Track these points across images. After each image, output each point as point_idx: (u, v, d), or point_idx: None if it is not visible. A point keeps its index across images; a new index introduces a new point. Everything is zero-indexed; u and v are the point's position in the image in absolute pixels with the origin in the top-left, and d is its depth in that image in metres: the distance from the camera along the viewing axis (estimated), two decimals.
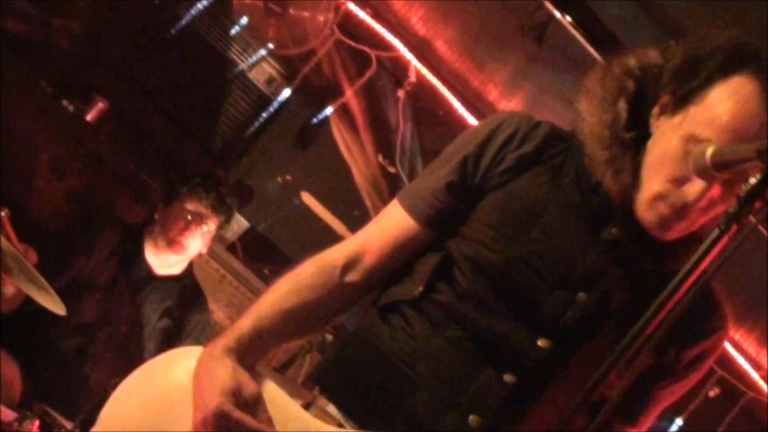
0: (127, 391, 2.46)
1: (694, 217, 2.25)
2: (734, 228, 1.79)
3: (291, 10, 5.98)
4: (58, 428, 4.02)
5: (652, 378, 2.41)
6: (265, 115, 6.54)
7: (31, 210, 4.90)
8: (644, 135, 2.32)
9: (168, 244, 4.91)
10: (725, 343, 2.59)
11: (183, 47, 6.33)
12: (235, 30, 6.37)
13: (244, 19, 6.26)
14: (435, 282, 2.37)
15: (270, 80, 6.52)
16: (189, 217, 4.91)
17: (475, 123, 6.35)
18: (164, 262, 4.98)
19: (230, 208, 5.10)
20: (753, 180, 1.78)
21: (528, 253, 2.32)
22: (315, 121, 6.59)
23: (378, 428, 2.28)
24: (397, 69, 6.46)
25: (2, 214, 4.21)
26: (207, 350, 2.38)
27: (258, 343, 2.40)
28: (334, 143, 6.52)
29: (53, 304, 4.19)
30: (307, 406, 2.39)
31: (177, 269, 5.04)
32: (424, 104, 6.56)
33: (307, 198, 6.48)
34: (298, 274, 2.45)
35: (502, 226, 2.35)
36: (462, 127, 6.38)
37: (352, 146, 6.48)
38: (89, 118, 6.00)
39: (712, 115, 2.20)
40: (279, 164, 6.67)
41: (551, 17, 5.66)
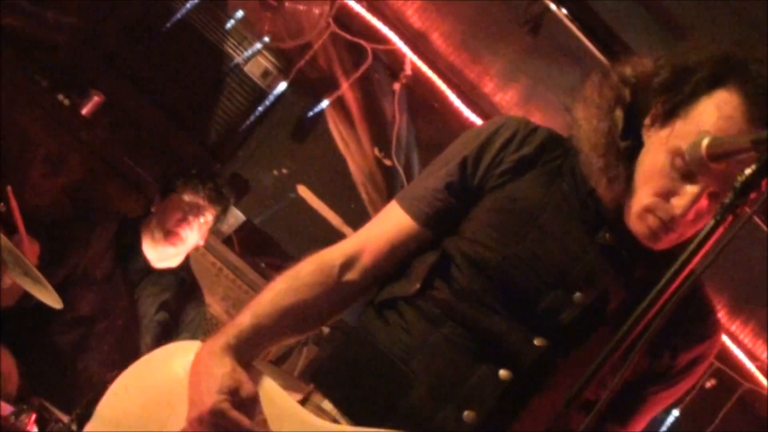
0: (123, 385, 2.47)
1: (682, 229, 2.27)
2: (729, 219, 1.79)
3: (286, 3, 5.98)
4: (55, 422, 4.02)
5: (646, 382, 2.42)
6: (260, 108, 6.54)
7: (26, 204, 4.88)
8: (639, 144, 2.33)
9: (165, 235, 4.90)
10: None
11: (178, 41, 6.33)
12: (230, 23, 6.36)
13: (240, 13, 6.25)
14: (432, 279, 2.38)
15: (266, 73, 6.52)
16: (186, 209, 4.91)
17: (470, 115, 6.36)
18: (162, 254, 4.97)
19: (227, 198, 5.09)
20: (748, 170, 1.78)
21: (525, 253, 2.33)
22: (311, 114, 6.59)
23: (373, 424, 2.28)
24: (393, 62, 6.46)
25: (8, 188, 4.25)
26: (206, 346, 2.38)
27: (257, 340, 2.41)
28: (329, 136, 6.52)
29: (49, 298, 4.19)
30: (302, 402, 2.39)
31: (174, 262, 5.04)
32: (420, 97, 6.56)
33: (303, 191, 6.48)
34: (297, 272, 2.46)
35: (500, 226, 2.36)
36: (458, 120, 6.39)
37: (348, 139, 6.48)
38: (85, 111, 5.99)
39: (697, 130, 2.18)
40: (275, 157, 6.67)
41: (546, 9, 5.66)
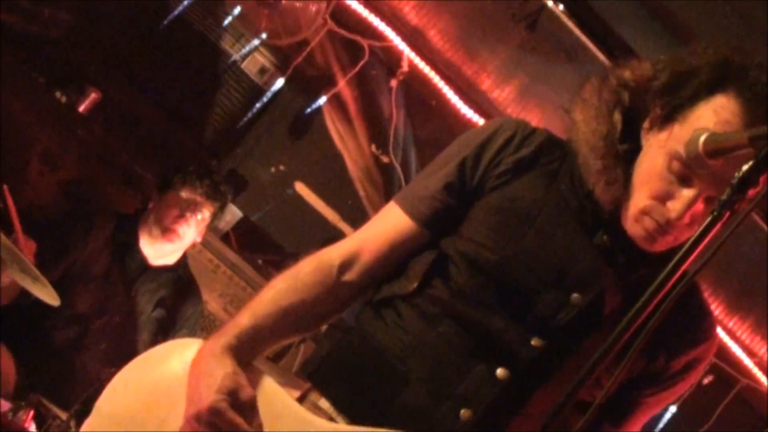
0: (123, 381, 2.47)
1: (678, 232, 2.27)
2: (727, 215, 1.79)
3: (283, 1, 5.98)
4: (53, 418, 4.03)
5: (642, 384, 2.43)
6: (258, 105, 6.54)
7: (24, 201, 4.88)
8: (638, 147, 2.34)
9: (163, 232, 4.90)
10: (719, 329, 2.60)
11: (176, 38, 6.32)
12: (227, 20, 6.36)
13: (237, 9, 6.25)
14: (430, 278, 2.38)
15: (263, 70, 6.51)
16: (183, 205, 4.91)
17: (467, 112, 6.36)
18: (159, 251, 4.97)
19: (224, 195, 5.09)
20: (746, 166, 1.79)
21: (523, 253, 2.34)
22: (308, 111, 6.59)
23: (369, 422, 2.28)
24: (390, 59, 6.46)
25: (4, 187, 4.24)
26: (207, 346, 2.38)
27: (257, 340, 2.41)
28: (327, 133, 6.52)
29: (47, 295, 4.19)
30: (299, 400, 2.40)
31: (172, 259, 5.04)
32: (417, 94, 6.56)
33: (300, 188, 6.47)
34: (297, 272, 2.46)
35: (498, 226, 2.37)
36: (455, 117, 6.39)
37: (345, 136, 6.48)
38: (82, 108, 5.99)
39: None
40: (272, 154, 6.67)
41: (543, 6, 5.67)
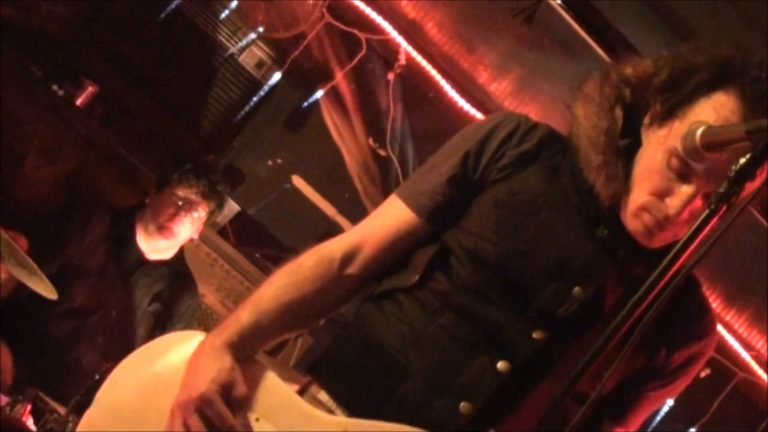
0: (123, 373, 2.47)
1: (676, 228, 2.27)
2: (724, 208, 1.79)
3: None
4: (50, 412, 4.03)
5: (642, 379, 2.43)
6: (255, 98, 6.53)
7: (21, 195, 4.89)
8: (638, 143, 2.34)
9: (158, 229, 4.91)
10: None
11: (173, 31, 6.32)
12: (224, 13, 6.35)
13: (234, 2, 6.25)
14: (432, 271, 2.38)
15: (260, 64, 6.51)
16: (179, 203, 4.92)
17: (465, 105, 6.36)
18: (155, 247, 4.98)
19: (220, 194, 5.10)
20: (743, 159, 1.79)
21: (525, 247, 2.34)
22: (305, 104, 6.58)
23: (368, 415, 2.29)
24: (387, 52, 6.45)
25: None
26: (208, 340, 2.38)
27: (258, 336, 2.41)
28: (324, 126, 6.51)
29: (44, 289, 4.19)
30: (299, 393, 2.40)
31: (167, 255, 5.04)
32: (415, 87, 6.56)
33: (297, 181, 6.47)
34: (298, 267, 2.46)
35: (500, 219, 2.37)
36: (452, 110, 6.39)
37: (343, 129, 6.47)
38: (79, 102, 5.98)
39: None
40: (269, 148, 6.66)
41: None
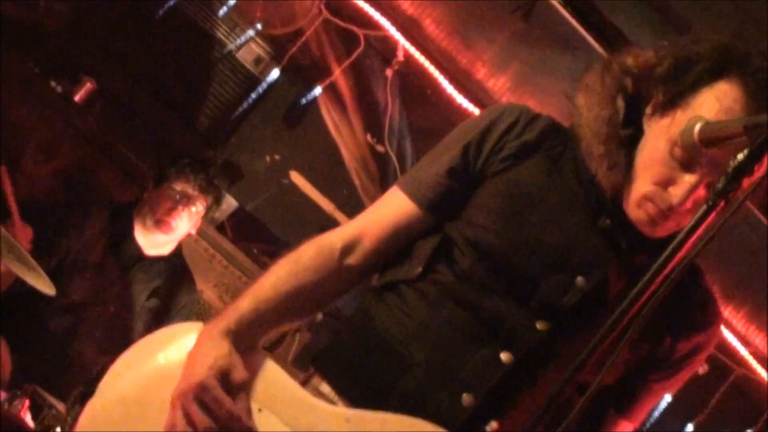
0: (125, 364, 2.47)
1: (679, 217, 2.27)
2: (722, 204, 1.79)
3: None
4: (49, 407, 4.03)
5: (646, 369, 2.43)
6: (253, 95, 6.54)
7: (19, 190, 4.88)
8: (640, 133, 2.34)
9: (156, 224, 4.91)
10: None
11: (171, 27, 6.32)
12: (222, 10, 6.36)
13: (232, 0, 6.25)
14: (434, 263, 2.38)
15: (258, 60, 6.51)
16: (177, 198, 4.91)
17: (463, 101, 6.36)
18: (153, 242, 4.98)
19: (218, 189, 5.09)
20: (740, 155, 1.79)
21: (527, 237, 2.34)
22: (303, 100, 6.59)
23: (370, 406, 2.28)
24: (385, 48, 6.45)
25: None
26: (206, 330, 2.38)
27: (257, 325, 2.40)
28: (322, 123, 6.52)
29: (43, 284, 4.19)
30: (302, 385, 2.40)
31: (166, 249, 5.04)
32: (412, 83, 6.56)
33: (295, 177, 6.47)
34: (298, 257, 2.45)
35: (502, 210, 2.37)
36: (450, 106, 6.39)
37: (341, 125, 6.48)
38: (77, 98, 5.99)
39: None
40: (267, 144, 6.67)
41: None
